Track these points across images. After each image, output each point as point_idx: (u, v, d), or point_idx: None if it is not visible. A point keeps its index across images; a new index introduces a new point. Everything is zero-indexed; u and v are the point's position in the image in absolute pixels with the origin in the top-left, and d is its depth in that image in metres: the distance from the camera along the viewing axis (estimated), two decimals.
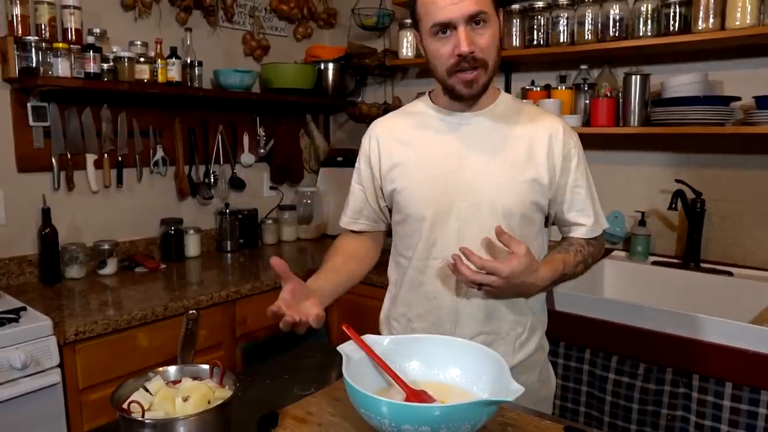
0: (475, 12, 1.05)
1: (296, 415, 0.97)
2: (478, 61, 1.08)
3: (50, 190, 2.06)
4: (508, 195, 1.15)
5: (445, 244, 1.18)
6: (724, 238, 2.02)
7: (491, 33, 1.08)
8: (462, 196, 1.16)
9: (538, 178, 1.16)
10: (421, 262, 1.21)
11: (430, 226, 1.19)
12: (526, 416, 0.97)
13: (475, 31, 1.07)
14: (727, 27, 1.74)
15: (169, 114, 2.38)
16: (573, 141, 1.20)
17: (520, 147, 1.17)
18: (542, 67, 2.34)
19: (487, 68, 1.11)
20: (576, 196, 1.20)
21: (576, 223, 1.21)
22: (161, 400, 0.87)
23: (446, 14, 1.06)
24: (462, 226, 1.16)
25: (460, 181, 1.16)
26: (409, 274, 1.24)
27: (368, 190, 1.31)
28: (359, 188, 1.33)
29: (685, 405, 1.54)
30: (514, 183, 1.15)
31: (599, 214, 1.23)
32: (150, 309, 1.74)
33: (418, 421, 0.78)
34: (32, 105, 1.98)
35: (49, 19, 1.94)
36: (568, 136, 1.19)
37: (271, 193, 2.86)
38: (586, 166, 1.22)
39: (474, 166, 1.16)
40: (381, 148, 1.27)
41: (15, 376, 1.48)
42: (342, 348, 0.97)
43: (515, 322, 1.20)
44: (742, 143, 1.94)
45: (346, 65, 2.76)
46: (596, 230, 1.22)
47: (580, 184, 1.20)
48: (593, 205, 1.22)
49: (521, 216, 1.16)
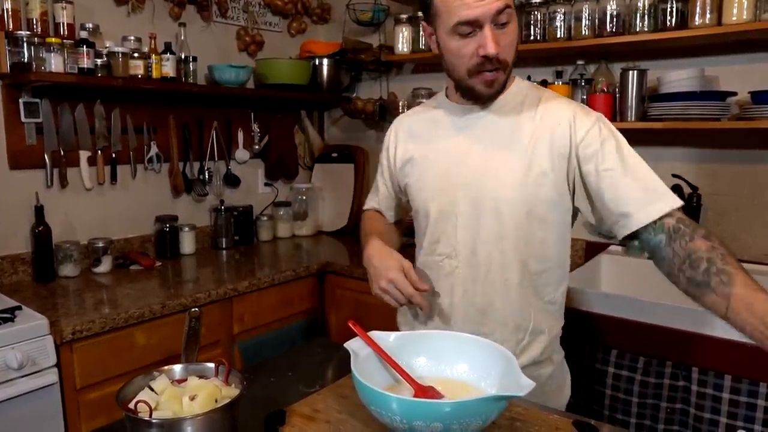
0: (502, 7, 0.99)
1: (303, 413, 0.96)
2: (500, 62, 1.04)
3: (43, 187, 2.03)
4: (511, 191, 1.09)
5: (448, 241, 1.16)
6: (720, 233, 2.02)
7: (514, 31, 1.04)
8: (464, 192, 1.14)
9: (547, 171, 1.08)
10: (427, 257, 1.21)
11: (434, 223, 1.18)
12: (533, 411, 0.96)
13: (500, 30, 1.02)
14: (723, 22, 1.74)
15: (163, 110, 2.35)
16: (590, 123, 1.07)
17: (527, 139, 1.09)
18: (539, 62, 2.34)
19: (507, 68, 1.07)
20: (615, 184, 1.02)
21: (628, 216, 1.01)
22: (168, 399, 0.86)
23: (473, 12, 0.99)
24: (464, 223, 1.14)
25: (461, 176, 1.14)
26: (419, 269, 1.23)
27: (389, 184, 1.33)
28: (381, 182, 1.35)
29: (684, 398, 1.54)
30: (517, 177, 1.08)
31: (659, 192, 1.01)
32: (147, 307, 1.72)
33: (430, 418, 0.78)
34: (24, 101, 1.94)
35: (40, 13, 1.91)
36: (583, 120, 1.08)
37: (266, 190, 2.85)
38: (619, 145, 1.06)
39: (476, 161, 1.13)
40: (397, 143, 1.27)
41: (11, 376, 1.45)
42: (349, 345, 0.96)
43: (515, 326, 1.15)
44: (738, 138, 1.95)
45: (341, 61, 2.75)
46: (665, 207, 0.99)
47: (610, 167, 1.03)
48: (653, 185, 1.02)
49: (528, 213, 1.09)
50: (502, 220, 1.10)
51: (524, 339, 1.16)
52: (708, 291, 0.92)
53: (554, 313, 1.20)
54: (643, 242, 1.04)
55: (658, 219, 1.00)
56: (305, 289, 2.26)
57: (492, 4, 0.99)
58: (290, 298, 2.20)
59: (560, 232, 1.14)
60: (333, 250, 2.61)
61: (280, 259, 2.45)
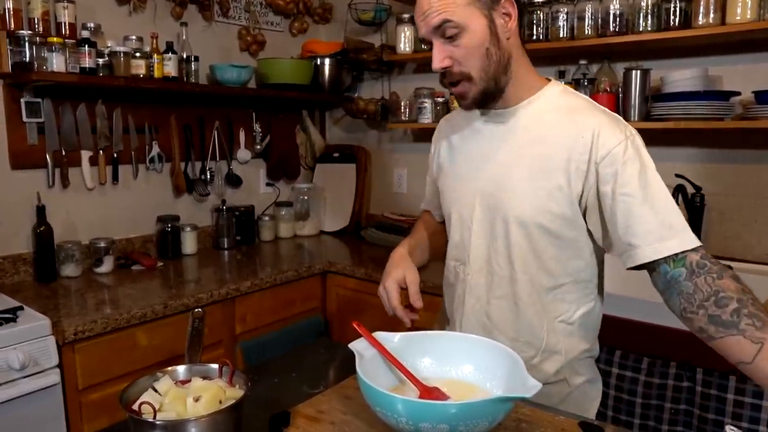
0: (439, 23, 0.97)
1: (308, 414, 0.96)
2: (456, 75, 1.01)
3: (45, 187, 2.02)
4: (522, 203, 1.04)
5: (463, 247, 1.16)
6: (723, 233, 2.02)
7: (467, 42, 0.98)
8: (480, 200, 1.11)
9: (562, 186, 1.01)
10: (448, 261, 1.23)
11: (454, 227, 1.19)
12: (539, 412, 0.96)
13: (451, 43, 0.99)
14: (727, 22, 1.74)
15: (165, 110, 2.35)
16: (615, 140, 0.97)
17: (547, 149, 1.03)
18: (540, 62, 2.33)
19: (472, 79, 1.01)
20: (625, 207, 0.96)
21: (634, 249, 0.95)
22: (172, 400, 0.86)
23: (420, 31, 1.02)
24: (478, 231, 1.13)
25: (479, 182, 1.12)
26: (444, 272, 1.26)
27: (432, 184, 1.34)
28: (429, 180, 1.35)
29: (688, 399, 1.54)
30: (529, 190, 1.04)
31: (675, 229, 0.94)
32: (149, 307, 1.71)
33: (436, 419, 0.77)
34: (25, 101, 1.94)
35: (42, 12, 1.90)
36: (608, 137, 0.98)
37: (268, 190, 2.84)
38: (644, 169, 0.96)
39: (494, 168, 1.09)
40: (436, 145, 1.29)
41: (14, 377, 1.45)
42: (353, 345, 0.96)
43: (525, 342, 1.11)
44: (742, 138, 1.95)
45: (342, 60, 2.74)
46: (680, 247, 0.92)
47: (629, 192, 0.95)
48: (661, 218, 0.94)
49: (539, 227, 1.04)
50: (512, 230, 1.07)
51: (536, 356, 1.11)
52: (734, 332, 0.86)
53: (573, 333, 1.11)
54: (659, 274, 0.96)
55: (679, 253, 0.93)
56: (307, 289, 2.26)
57: (431, 21, 0.98)
58: (292, 299, 2.20)
59: (576, 250, 1.07)
60: (335, 250, 2.60)
61: (281, 260, 2.44)
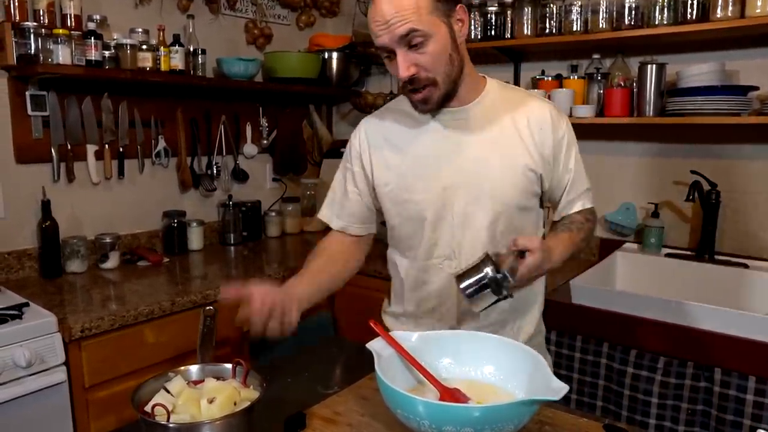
0: (405, 32, 1.00)
1: (324, 416, 0.93)
2: (422, 81, 1.05)
3: (50, 181, 1.99)
4: (503, 188, 1.14)
5: (446, 243, 1.17)
6: (738, 230, 1.99)
7: (433, 49, 1.03)
8: (459, 194, 1.15)
9: (531, 167, 1.14)
10: (424, 262, 1.20)
11: (431, 228, 1.17)
12: (562, 414, 0.93)
13: (416, 50, 1.02)
14: (747, 15, 1.70)
15: (171, 104, 2.32)
16: (564, 125, 1.18)
17: (510, 137, 1.14)
18: (553, 56, 2.30)
19: (437, 84, 1.07)
20: (570, 180, 1.20)
21: (571, 204, 1.23)
22: (185, 402, 0.83)
23: (380, 40, 1.03)
24: (461, 223, 1.15)
25: (455, 179, 1.14)
26: (412, 273, 1.23)
27: (363, 192, 1.26)
28: (354, 191, 1.26)
29: (706, 399, 1.51)
30: (507, 175, 1.14)
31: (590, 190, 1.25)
32: (156, 304, 1.69)
33: (461, 423, 0.75)
34: (30, 94, 1.91)
35: (47, 4, 1.87)
36: (558, 121, 1.17)
37: (274, 185, 2.81)
38: (576, 145, 1.21)
39: (468, 163, 1.14)
40: (372, 150, 1.22)
41: (20, 374, 1.43)
42: (371, 345, 0.93)
43: (514, 309, 1.21)
44: (758, 133, 1.91)
45: (350, 54, 2.70)
46: (587, 204, 1.24)
47: (572, 167, 1.20)
48: (586, 183, 1.23)
49: (517, 206, 1.15)
50: (496, 215, 1.14)
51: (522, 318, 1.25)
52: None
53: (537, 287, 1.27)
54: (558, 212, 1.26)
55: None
56: None
57: (396, 30, 1.00)
58: None
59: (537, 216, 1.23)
60: None
61: (288, 255, 2.41)
